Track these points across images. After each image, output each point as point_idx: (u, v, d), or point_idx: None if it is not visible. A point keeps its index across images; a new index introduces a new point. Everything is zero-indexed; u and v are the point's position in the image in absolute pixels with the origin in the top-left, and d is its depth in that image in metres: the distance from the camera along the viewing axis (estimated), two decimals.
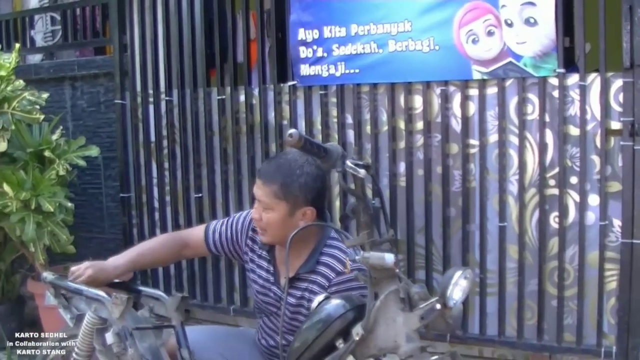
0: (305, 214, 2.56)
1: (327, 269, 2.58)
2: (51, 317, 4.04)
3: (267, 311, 2.77)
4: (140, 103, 4.34)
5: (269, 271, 2.73)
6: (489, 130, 3.47)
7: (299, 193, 2.53)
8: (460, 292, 2.05)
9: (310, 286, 2.60)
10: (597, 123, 3.26)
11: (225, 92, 4.07)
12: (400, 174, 3.66)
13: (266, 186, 2.54)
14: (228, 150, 4.09)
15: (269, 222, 2.57)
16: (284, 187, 2.52)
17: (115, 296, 2.50)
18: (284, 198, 2.52)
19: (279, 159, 2.62)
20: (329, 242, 2.64)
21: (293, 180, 2.52)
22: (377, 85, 3.66)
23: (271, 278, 2.72)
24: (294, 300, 2.64)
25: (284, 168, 2.54)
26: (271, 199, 2.53)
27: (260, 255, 2.77)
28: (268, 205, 2.55)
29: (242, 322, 4.15)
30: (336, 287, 2.54)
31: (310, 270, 2.61)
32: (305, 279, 2.62)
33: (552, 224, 3.39)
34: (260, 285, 2.75)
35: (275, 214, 2.55)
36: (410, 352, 1.99)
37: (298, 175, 2.52)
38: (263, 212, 2.57)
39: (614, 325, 3.32)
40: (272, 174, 2.54)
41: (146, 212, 4.41)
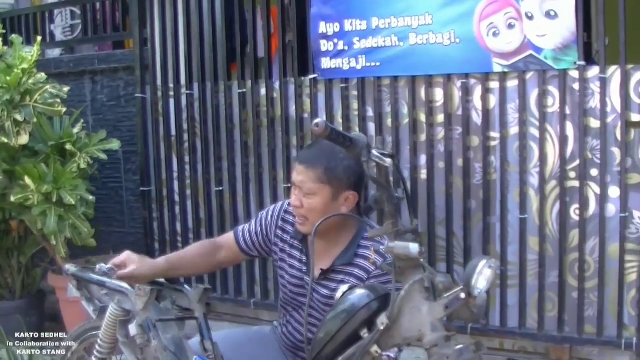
0: (348, 199, 2.53)
1: (366, 261, 2.54)
2: (72, 311, 4.06)
3: (297, 304, 2.73)
4: (160, 97, 4.37)
5: (301, 261, 2.68)
6: (509, 122, 3.48)
7: (343, 176, 2.50)
8: (485, 281, 2.05)
9: (346, 278, 2.56)
10: (617, 115, 3.27)
11: (246, 86, 4.09)
12: (421, 167, 3.68)
13: (310, 170, 2.49)
14: (249, 143, 4.12)
15: (311, 208, 2.52)
16: (328, 170, 2.48)
17: (139, 288, 2.50)
18: (328, 182, 2.49)
19: (320, 144, 2.55)
20: (367, 234, 2.57)
21: (337, 164, 2.49)
22: (398, 78, 3.68)
23: (304, 268, 2.67)
24: (328, 292, 2.59)
25: (327, 152, 2.49)
26: (315, 184, 2.49)
27: (292, 245, 2.71)
28: (311, 190, 2.50)
29: (262, 315, 4.18)
30: (375, 279, 2.51)
31: (347, 262, 2.57)
32: (341, 271, 2.58)
33: (573, 216, 3.40)
34: (291, 276, 2.70)
35: (319, 198, 2.50)
36: (435, 341, 2.00)
37: (342, 158, 2.48)
38: (304, 198, 2.52)
39: (635, 317, 3.34)
40: (315, 158, 2.51)
41: (167, 206, 4.44)
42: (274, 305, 4.09)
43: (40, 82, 3.98)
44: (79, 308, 3.84)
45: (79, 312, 3.81)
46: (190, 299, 2.61)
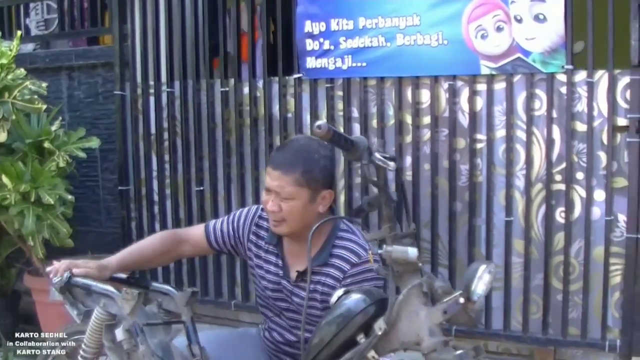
0: (325, 198, 2.52)
1: (341, 261, 2.54)
2: (49, 313, 3.99)
3: (276, 308, 2.72)
4: (140, 94, 4.30)
5: (277, 265, 2.67)
6: (496, 125, 3.49)
7: (320, 177, 2.48)
8: (484, 286, 2.04)
9: (323, 279, 2.56)
10: (603, 119, 3.30)
11: (229, 84, 4.05)
12: (406, 168, 3.66)
13: (287, 175, 2.45)
14: (231, 143, 4.07)
15: (290, 212, 2.49)
16: (305, 173, 2.45)
17: (126, 291, 2.45)
18: (306, 184, 2.46)
19: (292, 146, 2.55)
20: (340, 234, 2.59)
21: (314, 165, 2.47)
22: (384, 79, 3.67)
23: (280, 272, 2.66)
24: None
25: (302, 154, 2.47)
26: (293, 188, 2.46)
27: (267, 250, 2.70)
28: (290, 195, 2.47)
29: (243, 316, 4.14)
30: (351, 278, 2.51)
31: (323, 263, 2.56)
32: (317, 271, 2.57)
33: (558, 219, 3.42)
34: (269, 281, 2.68)
35: (297, 202, 2.47)
36: (434, 346, 1.98)
37: (317, 159, 2.47)
38: (282, 203, 2.48)
39: (618, 319, 3.37)
40: (291, 161, 2.46)
41: (145, 206, 4.38)
42: (255, 307, 4.05)
43: (20, 78, 3.89)
44: (56, 310, 3.78)
45: (57, 314, 3.75)
46: (177, 303, 2.55)
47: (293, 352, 2.72)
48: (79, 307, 2.67)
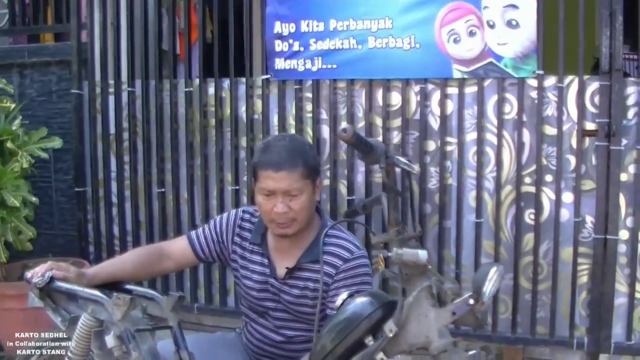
0: (318, 186, 2.64)
1: (333, 257, 2.57)
2: (8, 319, 3.84)
3: (262, 308, 2.72)
4: (99, 93, 4.19)
5: (263, 264, 2.68)
6: (467, 128, 3.54)
7: (316, 165, 2.61)
8: (494, 288, 2.08)
9: (314, 276, 2.59)
10: (573, 124, 3.39)
11: (193, 85, 3.99)
12: (376, 170, 3.67)
13: (292, 173, 2.49)
14: (194, 144, 4.01)
15: (301, 208, 2.54)
16: (307, 165, 2.52)
17: (117, 297, 2.38)
18: (309, 176, 2.54)
19: (283, 145, 2.55)
20: (330, 231, 2.61)
21: (309, 157, 2.56)
22: (354, 81, 3.68)
23: (267, 271, 2.67)
24: (297, 291, 2.62)
25: (297, 149, 2.53)
26: (300, 183, 2.51)
27: (252, 250, 2.72)
28: (298, 191, 2.52)
29: (206, 320, 4.09)
30: (344, 274, 2.55)
31: (314, 260, 2.59)
32: (307, 268, 2.61)
33: (528, 221, 3.49)
34: (255, 281, 2.69)
35: (305, 195, 2.54)
36: (443, 347, 2.01)
37: (307, 150, 2.58)
38: (291, 202, 2.52)
39: (586, 318, 3.46)
40: (291, 159, 2.50)
41: (103, 208, 4.27)
42: (218, 310, 4.04)
43: None
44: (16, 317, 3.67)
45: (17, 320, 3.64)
46: (163, 307, 2.49)
47: (278, 353, 2.74)
48: (63, 314, 2.59)
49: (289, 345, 2.71)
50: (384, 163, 2.09)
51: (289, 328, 2.69)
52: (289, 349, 2.71)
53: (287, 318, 2.68)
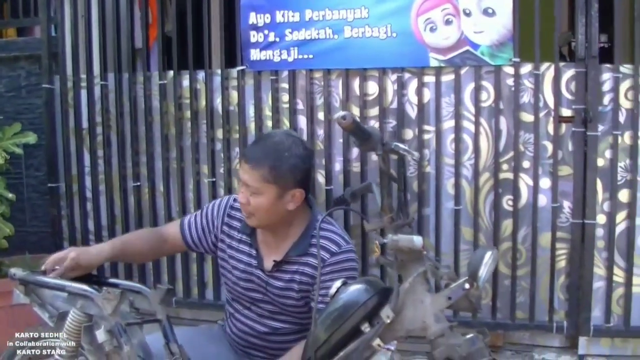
0: (294, 196, 2.54)
1: (321, 250, 2.55)
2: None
3: (247, 299, 2.71)
4: (71, 87, 4.13)
5: (251, 255, 2.67)
6: (444, 116, 3.56)
7: (289, 175, 2.50)
8: (489, 272, 2.10)
9: (301, 268, 2.59)
10: (549, 110, 3.43)
11: (167, 77, 3.96)
12: (353, 160, 3.69)
13: (255, 170, 2.47)
14: (170, 136, 3.98)
15: (257, 207, 2.51)
16: (273, 169, 2.47)
17: (107, 291, 2.36)
18: (273, 181, 2.47)
19: (265, 141, 2.55)
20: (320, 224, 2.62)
21: (282, 163, 2.48)
22: (331, 70, 3.68)
23: (254, 262, 2.66)
24: (282, 283, 2.61)
25: (272, 151, 2.49)
26: (260, 183, 2.48)
27: (240, 239, 2.70)
28: (257, 190, 2.49)
29: (184, 313, 4.06)
30: (330, 267, 2.54)
31: (303, 253, 2.59)
32: (295, 261, 2.60)
33: (506, 207, 3.53)
34: (241, 271, 2.68)
35: (264, 198, 2.49)
36: (440, 332, 2.03)
37: (287, 157, 2.49)
38: (251, 197, 2.51)
39: (565, 302, 3.51)
40: (260, 157, 2.48)
41: (77, 203, 4.21)
42: (196, 303, 4.03)
43: None
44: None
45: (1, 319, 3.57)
46: (151, 301, 2.48)
47: (262, 345, 2.74)
48: (50, 310, 2.56)
49: (274, 337, 2.71)
50: (381, 150, 2.10)
51: (274, 319, 2.69)
52: (274, 340, 2.71)
53: (272, 310, 2.68)
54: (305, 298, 2.62)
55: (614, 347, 3.51)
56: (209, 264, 3.98)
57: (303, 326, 2.66)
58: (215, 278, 3.95)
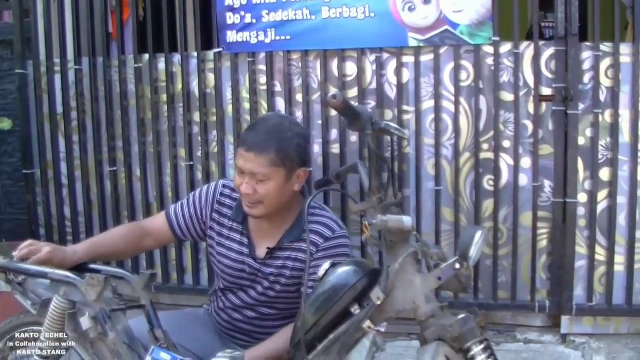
0: (299, 176, 2.50)
1: (316, 235, 2.53)
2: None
3: (237, 286, 2.68)
4: (45, 72, 4.06)
5: (242, 243, 2.63)
6: (423, 96, 3.54)
7: (295, 155, 2.45)
8: (479, 251, 2.08)
9: (293, 254, 2.56)
10: (529, 89, 3.42)
11: (142, 60, 3.90)
12: (332, 141, 3.66)
13: (260, 156, 2.40)
14: (146, 120, 3.92)
15: (267, 193, 2.45)
16: (280, 152, 2.41)
17: (91, 277, 2.31)
18: (281, 164, 2.42)
19: (264, 125, 2.48)
20: (312, 210, 2.59)
21: (288, 144, 2.43)
22: (308, 51, 3.64)
23: (245, 250, 2.62)
24: (273, 269, 2.58)
25: (275, 133, 2.43)
26: (268, 168, 2.42)
27: (230, 227, 2.66)
28: (264, 176, 2.42)
29: (163, 298, 4.01)
30: (323, 252, 2.52)
31: (296, 238, 2.56)
32: (287, 247, 2.57)
33: (486, 186, 3.52)
34: (232, 259, 2.64)
35: (273, 183, 2.44)
36: (431, 312, 2.01)
37: (290, 137, 2.44)
38: (257, 185, 2.44)
39: (546, 281, 3.52)
40: (264, 142, 2.41)
41: (53, 189, 4.14)
42: (176, 288, 3.98)
43: None
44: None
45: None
46: (134, 286, 2.44)
47: (249, 329, 2.71)
48: (32, 297, 2.51)
49: (262, 322, 2.69)
50: (370, 129, 2.06)
51: (263, 305, 2.66)
52: (261, 325, 2.69)
53: (262, 296, 2.64)
54: (296, 284, 2.59)
55: (597, 326, 3.52)
56: (187, 249, 3.94)
57: (291, 311, 2.63)
58: (194, 263, 3.91)
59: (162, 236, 2.77)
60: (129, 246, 2.72)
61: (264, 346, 2.53)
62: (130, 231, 2.75)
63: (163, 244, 2.95)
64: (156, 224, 2.77)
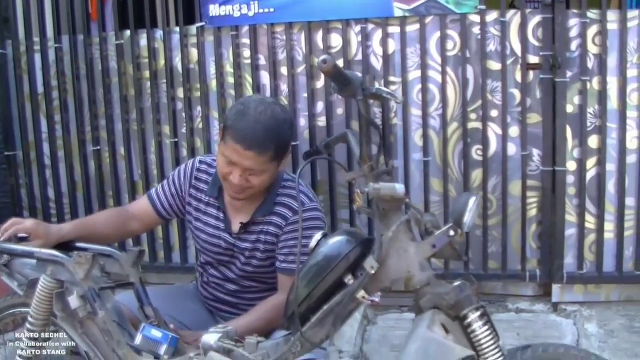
0: (285, 158, 2.50)
1: (285, 208, 2.54)
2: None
3: (216, 260, 2.67)
4: (24, 52, 3.98)
5: (218, 218, 2.62)
6: (409, 66, 3.50)
7: (287, 146, 2.46)
8: (473, 217, 2.05)
9: (265, 227, 2.55)
10: (516, 58, 3.40)
11: (124, 37, 3.83)
12: (318, 114, 3.62)
13: (260, 156, 2.36)
14: (129, 98, 3.86)
15: (261, 183, 2.44)
16: (278, 149, 2.39)
17: (79, 255, 2.28)
18: (276, 158, 2.41)
19: (260, 120, 2.37)
20: (284, 183, 2.58)
21: (285, 140, 2.42)
22: (293, 24, 3.58)
23: (221, 225, 2.61)
24: (248, 244, 2.57)
25: (272, 130, 2.37)
26: (266, 165, 2.40)
27: (207, 202, 2.64)
28: (261, 172, 2.41)
29: (150, 277, 3.96)
30: (292, 226, 2.52)
31: (268, 212, 2.54)
32: (260, 221, 2.56)
33: (475, 156, 3.50)
34: (209, 234, 2.63)
35: (267, 173, 2.43)
36: (426, 280, 1.98)
37: (285, 130, 2.42)
38: (251, 177, 2.41)
39: (537, 250, 3.51)
40: (264, 141, 2.36)
41: (36, 171, 4.08)
42: (163, 267, 3.98)
43: None
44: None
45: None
46: (122, 264, 2.40)
47: (233, 302, 2.72)
48: (18, 278, 2.47)
49: (244, 294, 2.69)
50: (361, 95, 2.02)
51: (243, 278, 2.66)
52: (244, 297, 2.69)
53: (241, 270, 2.64)
54: (270, 258, 2.59)
55: (587, 294, 3.53)
56: (174, 227, 3.91)
57: (271, 285, 2.64)
58: (181, 241, 3.88)
59: (147, 218, 2.74)
60: (114, 228, 2.69)
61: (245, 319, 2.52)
62: (115, 215, 2.74)
63: (149, 227, 2.91)
64: (140, 206, 2.76)
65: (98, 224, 2.64)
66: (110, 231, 2.66)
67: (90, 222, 2.66)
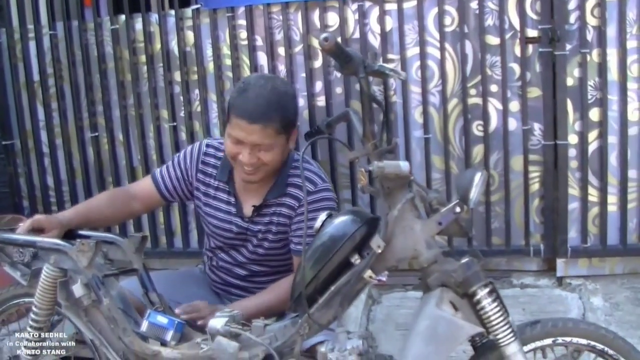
0: (294, 133, 2.47)
1: (297, 189, 2.50)
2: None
3: (227, 245, 2.65)
4: (19, 40, 3.95)
5: (229, 203, 2.59)
6: (408, 43, 3.48)
7: (293, 118, 2.43)
8: (479, 193, 2.03)
9: (278, 209, 2.53)
10: (515, 32, 3.37)
11: (119, 21, 3.80)
12: (317, 94, 3.60)
13: (266, 128, 2.33)
14: (125, 83, 3.84)
15: (272, 160, 2.41)
16: (283, 120, 2.36)
17: (82, 242, 2.26)
18: (284, 131, 2.38)
19: (262, 94, 2.36)
20: (295, 164, 2.55)
21: (289, 111, 2.39)
22: (289, 3, 3.56)
23: (232, 210, 2.59)
24: (261, 227, 2.55)
25: (275, 101, 2.35)
26: (273, 138, 2.37)
27: (217, 187, 2.61)
28: (269, 146, 2.38)
29: (153, 263, 3.96)
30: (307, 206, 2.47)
31: (280, 194, 2.52)
32: (272, 204, 2.53)
33: (476, 132, 3.48)
34: (220, 219, 2.61)
35: (277, 149, 2.40)
36: (434, 258, 1.96)
37: (288, 101, 2.39)
38: (261, 153, 2.38)
39: (540, 225, 3.50)
40: (268, 112, 2.33)
41: (34, 159, 4.06)
42: (165, 252, 4.00)
43: None
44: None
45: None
46: (125, 250, 2.38)
47: (242, 285, 2.70)
48: (21, 268, 2.46)
49: (254, 278, 2.67)
50: (363, 73, 2.00)
51: (254, 263, 2.64)
52: (254, 281, 2.67)
53: (252, 254, 2.62)
54: (282, 240, 2.57)
55: (592, 267, 3.52)
56: (175, 212, 3.89)
57: (282, 267, 2.63)
58: (183, 226, 3.87)
59: (150, 199, 2.71)
60: (116, 211, 2.67)
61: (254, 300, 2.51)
62: (116, 196, 2.71)
63: (151, 208, 2.88)
64: (143, 187, 2.73)
65: (97, 207, 2.63)
66: (110, 213, 2.65)
67: (89, 207, 2.64)
